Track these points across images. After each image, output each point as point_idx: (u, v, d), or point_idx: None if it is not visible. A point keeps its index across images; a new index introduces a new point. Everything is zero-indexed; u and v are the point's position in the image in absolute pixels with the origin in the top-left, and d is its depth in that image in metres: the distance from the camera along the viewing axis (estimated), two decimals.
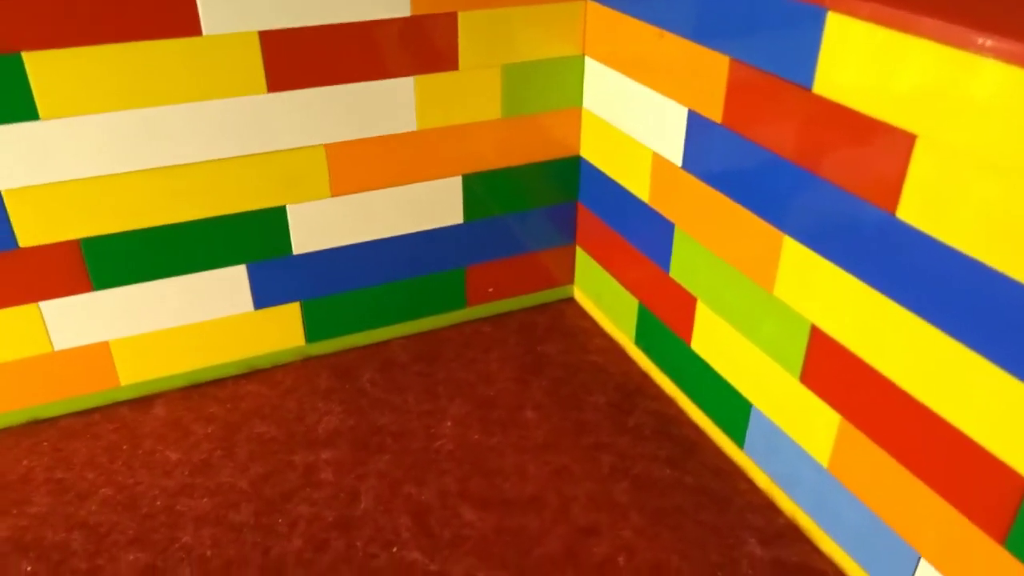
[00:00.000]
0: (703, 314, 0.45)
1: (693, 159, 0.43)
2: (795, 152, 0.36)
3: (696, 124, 0.42)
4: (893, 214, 0.31)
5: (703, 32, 0.40)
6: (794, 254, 0.37)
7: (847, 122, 0.33)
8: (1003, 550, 0.30)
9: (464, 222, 0.52)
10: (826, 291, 0.36)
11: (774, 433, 0.41)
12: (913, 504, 0.34)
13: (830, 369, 0.37)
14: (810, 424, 0.38)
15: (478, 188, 0.52)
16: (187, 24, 0.40)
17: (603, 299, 0.55)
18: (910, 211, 0.31)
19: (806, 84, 0.34)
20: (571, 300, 0.59)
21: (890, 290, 0.32)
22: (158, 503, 0.41)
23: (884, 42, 0.30)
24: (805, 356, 0.38)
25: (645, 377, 0.51)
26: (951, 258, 0.30)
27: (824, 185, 0.34)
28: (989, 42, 0.27)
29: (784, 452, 0.40)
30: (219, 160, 0.44)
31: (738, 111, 0.39)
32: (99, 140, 0.41)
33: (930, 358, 0.31)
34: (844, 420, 0.36)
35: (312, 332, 0.52)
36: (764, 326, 0.40)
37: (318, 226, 0.49)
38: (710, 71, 0.40)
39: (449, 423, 0.47)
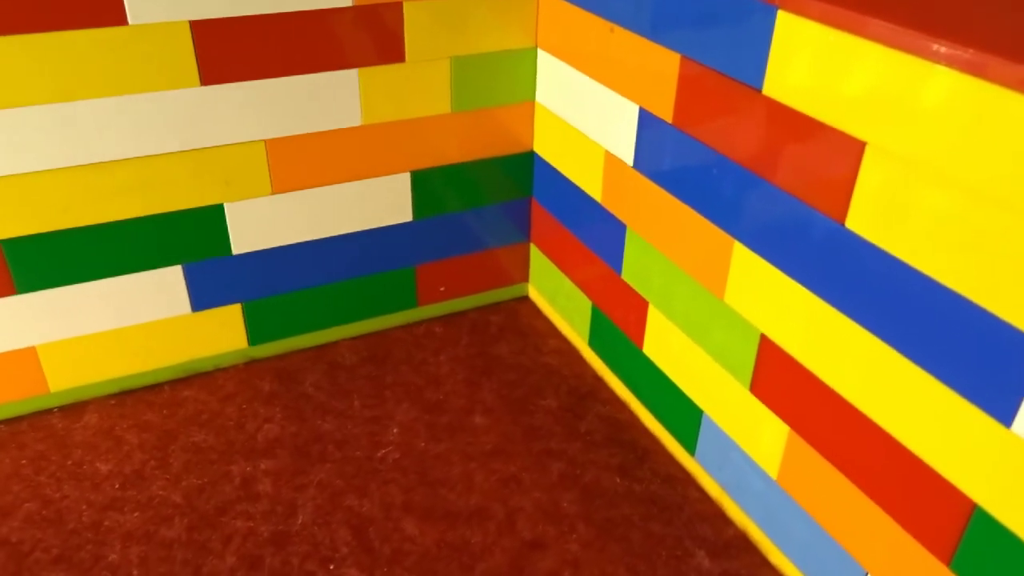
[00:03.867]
0: (655, 318, 0.44)
1: (644, 159, 0.41)
2: (745, 155, 0.34)
3: (647, 122, 0.40)
4: (842, 224, 0.30)
5: (654, 28, 0.38)
6: (744, 261, 0.36)
7: (797, 126, 0.31)
8: (949, 571, 0.29)
9: (413, 220, 0.51)
10: (776, 300, 0.34)
11: (724, 442, 0.40)
12: (860, 520, 0.33)
13: (779, 380, 0.36)
14: (759, 434, 0.37)
15: (428, 184, 0.50)
16: (111, 13, 0.38)
17: (558, 299, 0.54)
18: (859, 221, 0.30)
19: (756, 85, 0.33)
20: (526, 299, 0.58)
21: (838, 302, 0.31)
22: (85, 518, 0.40)
23: (834, 44, 0.29)
24: (755, 366, 0.37)
25: (599, 380, 0.50)
26: (900, 271, 0.29)
27: (774, 191, 0.33)
28: (943, 49, 0.26)
29: (734, 461, 0.40)
30: (149, 156, 0.42)
31: (689, 110, 0.37)
32: (20, 136, 0.39)
33: (878, 373, 0.30)
34: (792, 432, 0.36)
35: (255, 334, 0.50)
36: (715, 333, 0.39)
37: (258, 225, 0.46)
38: (661, 68, 0.38)
39: (395, 429, 0.46)
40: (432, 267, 0.53)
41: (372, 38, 0.44)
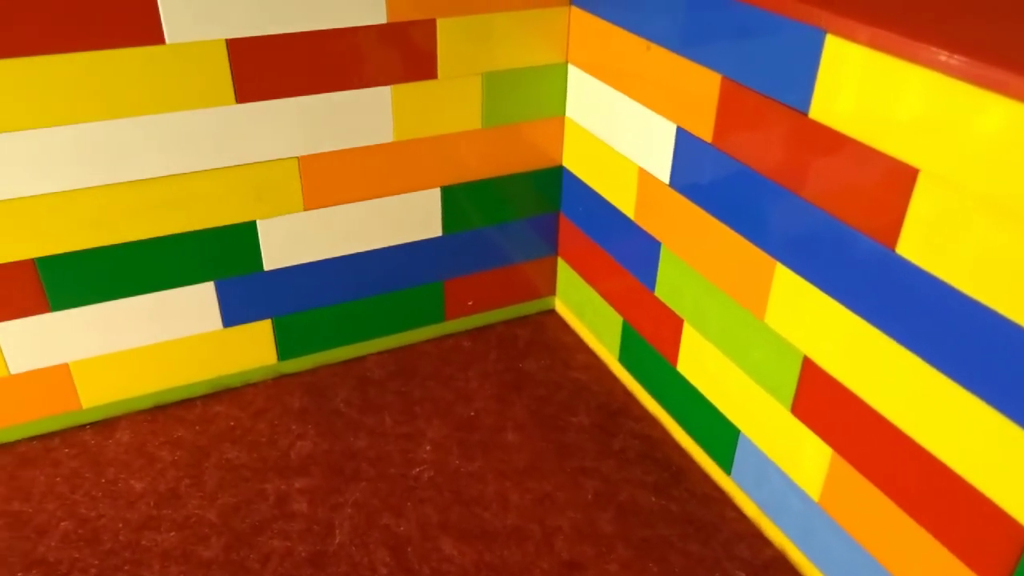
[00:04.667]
0: (690, 336, 0.43)
1: (681, 177, 0.41)
2: (789, 178, 0.34)
3: (685, 142, 0.40)
4: (892, 249, 0.30)
5: (693, 47, 0.38)
6: (787, 282, 0.36)
7: (845, 150, 0.31)
8: None
9: (443, 235, 0.51)
10: (820, 323, 0.34)
11: (763, 462, 0.40)
12: (907, 544, 0.33)
13: (823, 402, 0.35)
14: (801, 455, 0.37)
15: (457, 200, 0.50)
16: (149, 32, 0.38)
17: (586, 313, 0.54)
18: (911, 247, 0.30)
19: (802, 108, 0.33)
20: (552, 312, 0.58)
21: (887, 326, 0.31)
22: (121, 538, 0.39)
23: (886, 69, 0.29)
24: (797, 387, 0.37)
25: (629, 396, 0.50)
26: (952, 297, 0.29)
27: (820, 214, 0.33)
28: (999, 76, 0.25)
29: (773, 481, 0.39)
30: (184, 174, 0.42)
31: (730, 131, 0.37)
32: (56, 155, 0.39)
33: (928, 398, 0.30)
34: (836, 454, 0.35)
35: (284, 349, 0.50)
36: (753, 353, 0.39)
37: (290, 241, 0.46)
38: (700, 88, 0.38)
39: (428, 447, 0.45)
40: (460, 281, 0.53)
41: (405, 55, 0.44)
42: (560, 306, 0.57)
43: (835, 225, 0.32)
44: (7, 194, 0.39)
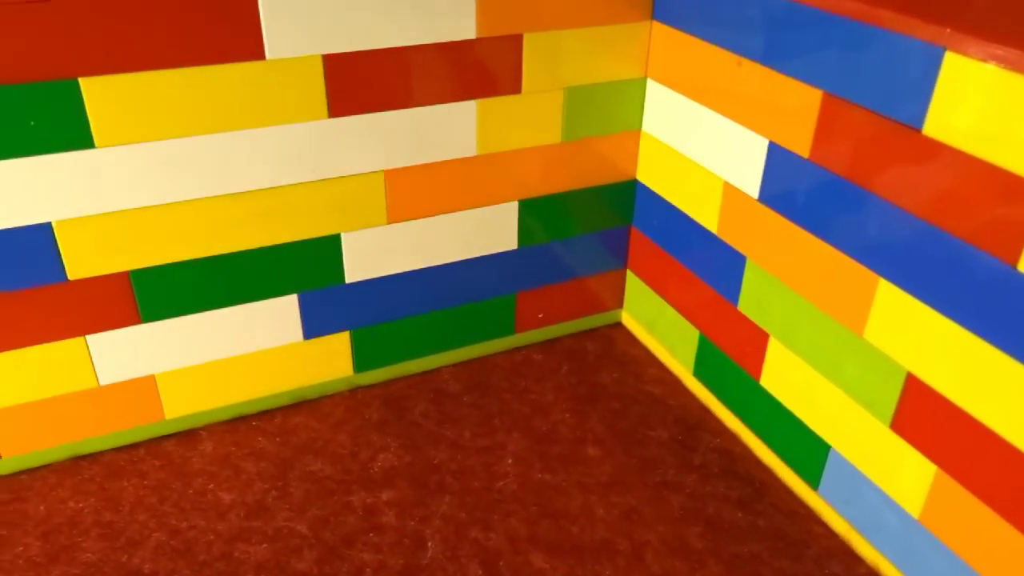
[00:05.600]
0: (776, 351, 0.43)
1: (773, 192, 0.41)
2: (897, 193, 0.34)
3: (778, 157, 0.40)
4: (1014, 267, 0.30)
5: (790, 63, 0.38)
6: (891, 298, 0.36)
7: (963, 168, 0.31)
8: None
9: (518, 247, 0.51)
10: (929, 340, 0.34)
11: (856, 478, 0.40)
12: (1015, 560, 0.32)
13: (927, 418, 0.35)
14: (900, 472, 0.37)
15: (534, 213, 0.50)
16: (251, 48, 0.38)
17: (657, 327, 0.54)
18: None
19: (915, 125, 0.33)
20: (619, 325, 0.58)
21: (1005, 344, 0.31)
22: (215, 550, 0.40)
23: (1009, 86, 0.29)
24: (898, 403, 0.36)
25: (706, 411, 0.50)
26: None
27: (931, 230, 0.33)
28: None
29: (868, 498, 0.39)
30: (276, 188, 0.42)
31: (830, 147, 0.37)
32: (155, 168, 0.39)
33: None
34: (940, 470, 0.35)
35: (361, 361, 0.50)
36: (848, 368, 0.39)
37: (372, 254, 0.47)
38: (798, 104, 0.38)
39: (509, 460, 0.45)
40: (532, 294, 0.53)
41: (491, 70, 0.44)
42: (628, 319, 0.57)
43: (949, 241, 0.32)
44: (108, 208, 0.39)
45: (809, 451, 0.42)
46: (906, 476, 0.37)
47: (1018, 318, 0.30)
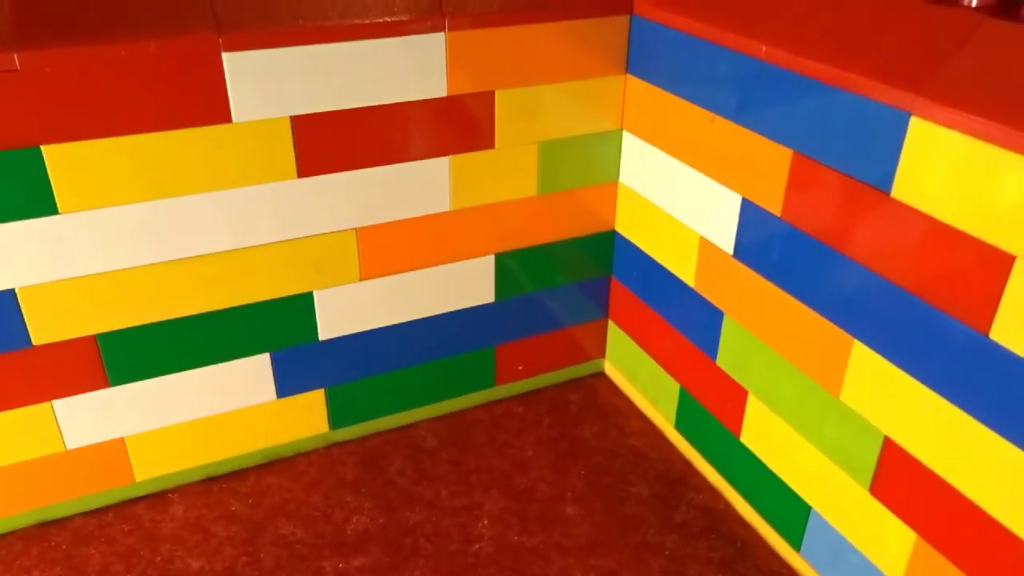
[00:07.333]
0: (755, 408, 0.43)
1: (747, 249, 0.41)
2: (868, 256, 0.34)
3: (751, 213, 0.40)
4: (986, 335, 0.29)
5: (762, 122, 0.38)
6: (866, 361, 0.35)
7: (931, 233, 0.31)
8: None
9: (495, 300, 0.50)
10: (903, 403, 0.33)
11: (837, 541, 0.39)
12: None
13: (905, 483, 0.34)
14: (881, 537, 0.36)
15: (511, 266, 0.50)
16: (217, 112, 0.38)
17: (639, 377, 0.53)
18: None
19: (884, 188, 0.32)
20: (602, 375, 0.57)
21: (978, 411, 0.30)
22: None
23: (978, 154, 0.28)
24: (876, 467, 0.36)
25: (688, 465, 0.49)
26: None
27: (902, 294, 0.32)
28: None
29: (850, 562, 0.38)
30: (246, 248, 0.42)
31: (801, 205, 0.37)
32: (120, 233, 0.39)
33: (1021, 484, 0.29)
34: (919, 538, 0.34)
35: (336, 418, 0.49)
36: (827, 429, 0.38)
37: (345, 311, 0.46)
38: (768, 162, 0.38)
39: (486, 520, 0.45)
40: (511, 346, 0.53)
41: (464, 126, 0.44)
42: (610, 368, 0.56)
43: (920, 306, 0.32)
44: (72, 273, 0.39)
45: (791, 511, 0.41)
46: (887, 541, 0.36)
47: (991, 387, 0.30)
